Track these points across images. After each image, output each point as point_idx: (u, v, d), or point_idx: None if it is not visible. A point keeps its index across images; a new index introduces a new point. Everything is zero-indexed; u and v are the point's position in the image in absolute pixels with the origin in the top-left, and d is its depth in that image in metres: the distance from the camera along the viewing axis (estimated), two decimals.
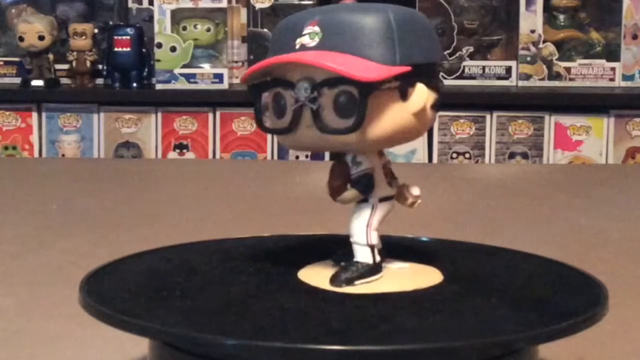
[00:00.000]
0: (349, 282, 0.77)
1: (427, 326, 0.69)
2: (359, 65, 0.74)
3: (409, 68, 0.75)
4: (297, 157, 2.50)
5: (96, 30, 2.63)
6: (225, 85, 2.55)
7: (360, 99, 0.74)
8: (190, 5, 2.57)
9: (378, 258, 0.78)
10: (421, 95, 0.77)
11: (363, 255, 0.78)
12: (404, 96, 0.76)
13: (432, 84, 0.78)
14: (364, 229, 0.78)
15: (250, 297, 0.75)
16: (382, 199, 0.79)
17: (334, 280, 0.77)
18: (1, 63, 2.69)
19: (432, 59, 0.79)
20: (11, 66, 2.68)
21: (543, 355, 0.77)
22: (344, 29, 0.76)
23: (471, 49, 2.60)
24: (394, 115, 0.76)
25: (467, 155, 2.54)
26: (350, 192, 0.78)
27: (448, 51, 2.59)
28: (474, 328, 0.69)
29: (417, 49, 0.77)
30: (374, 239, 0.78)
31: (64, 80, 2.64)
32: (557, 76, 2.58)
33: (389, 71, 0.75)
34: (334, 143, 0.77)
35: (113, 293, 0.76)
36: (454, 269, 0.83)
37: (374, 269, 0.78)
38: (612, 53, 2.58)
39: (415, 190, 0.81)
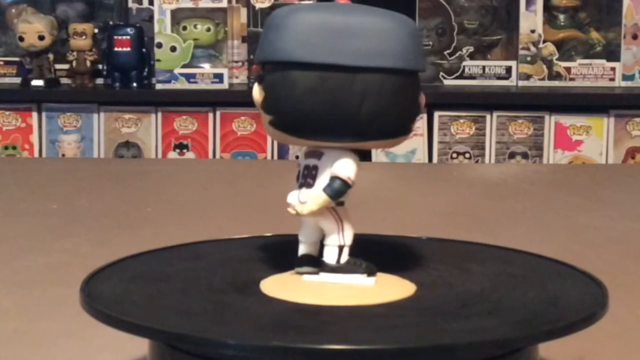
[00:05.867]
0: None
1: (427, 326, 0.69)
2: None
3: (256, 67, 0.78)
4: (297, 157, 2.50)
5: (96, 30, 2.63)
6: (225, 85, 2.55)
7: None
8: (190, 5, 2.57)
9: (298, 253, 0.79)
10: (253, 93, 0.77)
11: None
12: None
13: (263, 84, 0.76)
14: None
15: (250, 297, 0.75)
16: None
17: None
18: (1, 63, 2.69)
19: (270, 58, 0.75)
20: (11, 66, 2.68)
21: (543, 355, 0.77)
22: None
23: (471, 49, 2.60)
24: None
25: (467, 155, 2.54)
26: None
27: (448, 51, 2.59)
28: (474, 327, 0.69)
29: (262, 48, 0.77)
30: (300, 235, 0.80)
31: (64, 80, 2.64)
32: (557, 76, 2.58)
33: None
34: None
35: (113, 293, 0.76)
36: (453, 268, 0.83)
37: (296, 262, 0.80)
38: (612, 53, 2.58)
39: (289, 196, 0.78)
